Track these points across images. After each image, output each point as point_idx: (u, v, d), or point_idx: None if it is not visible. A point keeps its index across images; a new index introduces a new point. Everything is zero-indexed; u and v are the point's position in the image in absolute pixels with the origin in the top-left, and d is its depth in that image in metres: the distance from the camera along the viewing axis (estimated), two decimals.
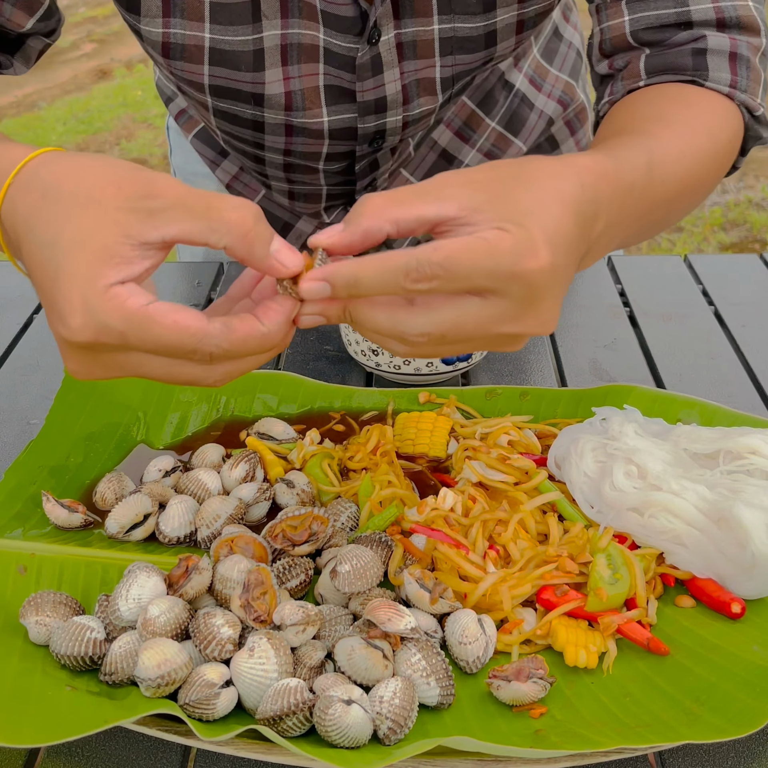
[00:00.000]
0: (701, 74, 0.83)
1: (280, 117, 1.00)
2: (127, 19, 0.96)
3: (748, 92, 0.83)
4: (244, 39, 0.94)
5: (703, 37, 0.84)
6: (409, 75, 0.99)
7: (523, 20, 0.98)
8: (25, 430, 0.90)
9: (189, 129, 1.25)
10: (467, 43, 0.98)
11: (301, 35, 0.94)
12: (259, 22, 0.93)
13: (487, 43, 0.99)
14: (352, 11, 0.93)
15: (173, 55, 0.95)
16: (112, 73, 5.50)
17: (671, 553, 0.70)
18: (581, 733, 0.59)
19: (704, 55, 0.83)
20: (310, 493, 0.77)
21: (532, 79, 1.20)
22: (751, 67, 0.84)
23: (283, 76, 0.96)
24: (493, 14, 0.96)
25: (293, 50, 0.95)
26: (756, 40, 0.85)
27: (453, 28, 0.96)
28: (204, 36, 0.93)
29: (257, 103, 0.99)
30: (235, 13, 0.92)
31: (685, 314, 1.10)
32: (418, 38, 0.96)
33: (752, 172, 3.97)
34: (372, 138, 1.04)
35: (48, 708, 0.59)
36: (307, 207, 1.19)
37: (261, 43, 0.94)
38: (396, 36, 0.95)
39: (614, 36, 0.87)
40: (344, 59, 0.96)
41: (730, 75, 0.83)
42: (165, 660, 0.59)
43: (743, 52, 0.84)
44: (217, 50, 0.95)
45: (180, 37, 0.94)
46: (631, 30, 0.86)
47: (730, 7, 0.84)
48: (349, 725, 0.57)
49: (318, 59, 0.96)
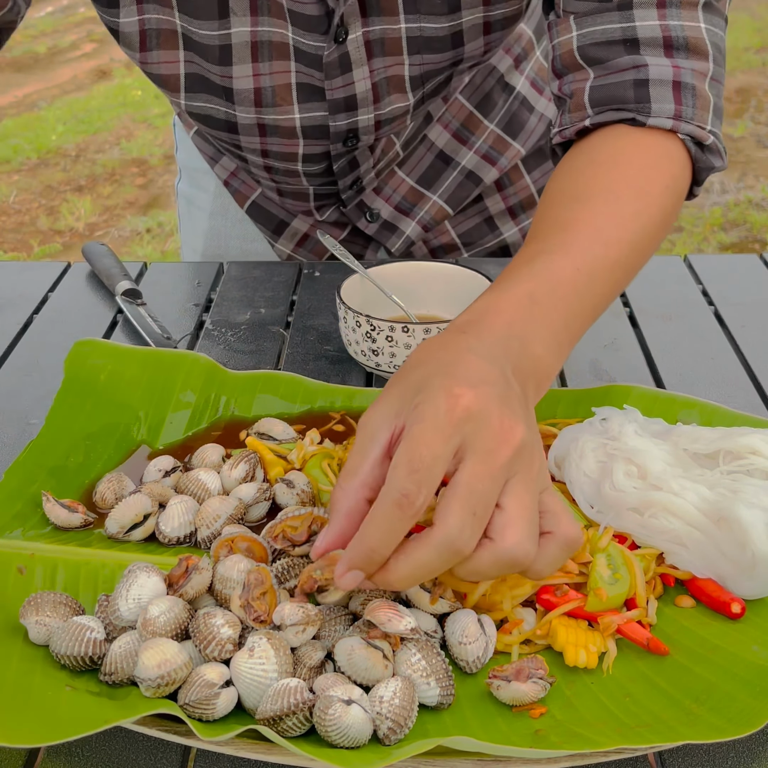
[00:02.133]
0: (643, 107, 0.81)
1: (252, 116, 1.01)
2: (106, 19, 0.97)
3: (695, 121, 0.81)
4: (210, 33, 0.94)
5: (644, 66, 0.82)
6: (378, 73, 0.99)
7: (490, 22, 0.98)
8: (25, 430, 0.90)
9: (190, 125, 1.25)
10: (434, 42, 0.98)
11: (271, 33, 0.95)
12: (226, 18, 0.93)
13: (453, 43, 0.99)
14: (317, 10, 0.93)
15: (150, 45, 0.96)
16: (112, 73, 5.50)
17: (671, 553, 0.70)
18: (581, 733, 0.58)
19: (646, 86, 0.81)
20: (310, 493, 0.77)
21: (534, 82, 1.20)
22: (697, 94, 0.81)
23: (252, 72, 0.97)
24: (458, 15, 0.96)
25: (264, 47, 0.95)
26: (702, 65, 0.82)
27: (419, 27, 0.96)
28: (176, 21, 0.94)
29: (228, 98, 0.99)
30: (200, 8, 0.93)
31: (685, 314, 1.10)
32: (385, 36, 0.97)
33: (752, 172, 3.97)
34: (345, 137, 1.04)
35: (48, 708, 0.59)
36: (297, 205, 1.20)
37: (228, 39, 0.94)
38: (364, 34, 0.96)
39: (563, 52, 0.86)
40: (313, 57, 0.96)
41: (674, 105, 0.81)
42: (165, 660, 0.59)
43: (687, 80, 0.81)
44: (188, 37, 0.95)
45: (155, 22, 0.94)
46: (578, 45, 0.84)
47: (678, 27, 0.82)
48: (349, 725, 0.57)
49: (289, 57, 0.96)
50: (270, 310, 1.11)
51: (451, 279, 1.00)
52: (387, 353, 0.91)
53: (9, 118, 5.02)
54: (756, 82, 5.06)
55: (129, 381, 0.89)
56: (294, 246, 1.26)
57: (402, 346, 0.90)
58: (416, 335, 0.89)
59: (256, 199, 1.24)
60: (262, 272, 1.19)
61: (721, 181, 3.90)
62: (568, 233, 0.74)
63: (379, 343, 0.91)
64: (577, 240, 0.74)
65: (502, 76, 1.17)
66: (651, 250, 0.81)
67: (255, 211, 1.25)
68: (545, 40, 1.18)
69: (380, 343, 0.91)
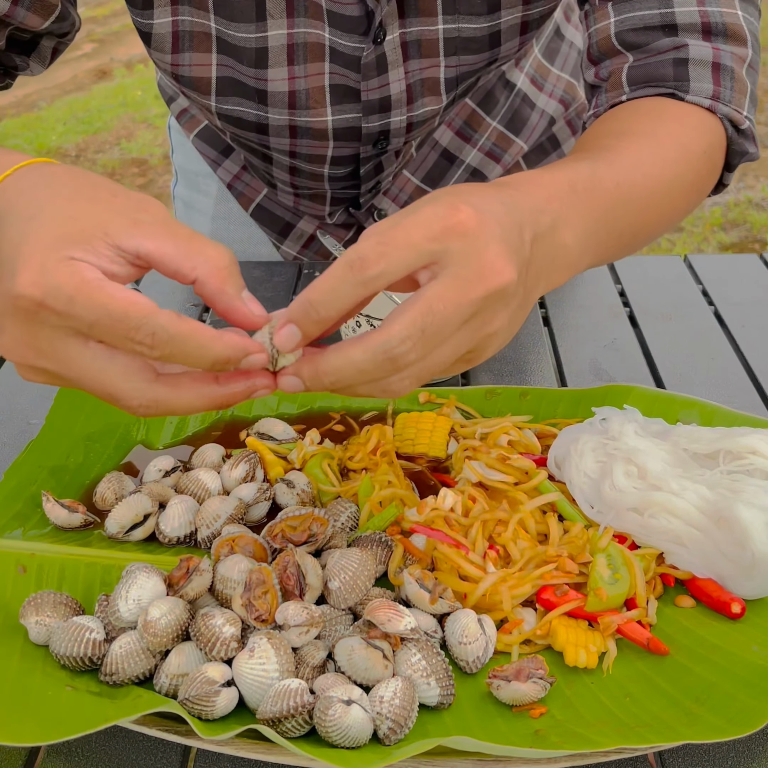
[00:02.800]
0: (682, 85, 0.82)
1: (284, 117, 1.00)
2: (138, 22, 0.96)
3: (732, 104, 0.81)
4: (247, 36, 0.94)
5: (684, 46, 0.82)
6: (413, 74, 0.99)
7: (527, 21, 0.98)
8: (25, 430, 0.90)
9: (191, 128, 1.25)
10: (471, 43, 0.98)
11: (307, 34, 0.94)
12: (263, 20, 0.93)
13: (491, 44, 0.99)
14: (357, 11, 0.93)
15: (182, 47, 0.95)
16: (112, 73, 5.50)
17: (671, 553, 0.70)
18: (581, 733, 0.59)
19: (686, 65, 0.82)
20: (310, 494, 0.77)
21: (534, 78, 1.20)
22: (735, 78, 0.82)
23: (288, 76, 0.96)
24: (497, 15, 0.96)
25: (299, 50, 0.95)
26: (741, 50, 0.83)
27: (457, 28, 0.96)
28: (210, 25, 0.94)
29: (261, 101, 0.99)
30: (237, 10, 0.92)
31: (685, 314, 1.10)
32: (422, 37, 0.96)
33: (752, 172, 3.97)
34: (376, 139, 1.04)
35: (48, 707, 0.59)
36: (311, 207, 1.20)
37: (265, 42, 0.94)
38: (401, 35, 0.95)
39: (601, 39, 0.86)
40: (349, 58, 0.96)
41: (712, 86, 0.81)
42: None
43: (727, 62, 0.82)
44: (223, 40, 0.95)
45: (189, 24, 0.94)
46: (616, 31, 0.85)
47: (717, 13, 0.83)
48: (350, 725, 0.57)
49: (324, 58, 0.96)
50: (270, 310, 1.10)
51: None
52: None
53: (9, 118, 5.02)
54: None
55: None
56: (300, 248, 1.26)
57: None
58: None
59: (261, 201, 1.23)
60: (262, 272, 1.19)
61: None
62: (612, 153, 0.72)
63: None
64: (620, 161, 0.72)
65: (503, 74, 1.17)
66: (681, 207, 0.80)
67: (260, 213, 1.25)
68: (543, 38, 1.18)
69: None
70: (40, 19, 0.88)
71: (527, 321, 1.07)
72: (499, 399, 0.89)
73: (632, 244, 0.75)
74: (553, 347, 1.03)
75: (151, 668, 0.63)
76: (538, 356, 1.01)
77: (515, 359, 1.00)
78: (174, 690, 0.61)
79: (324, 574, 0.66)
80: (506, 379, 0.97)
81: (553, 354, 1.02)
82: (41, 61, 0.95)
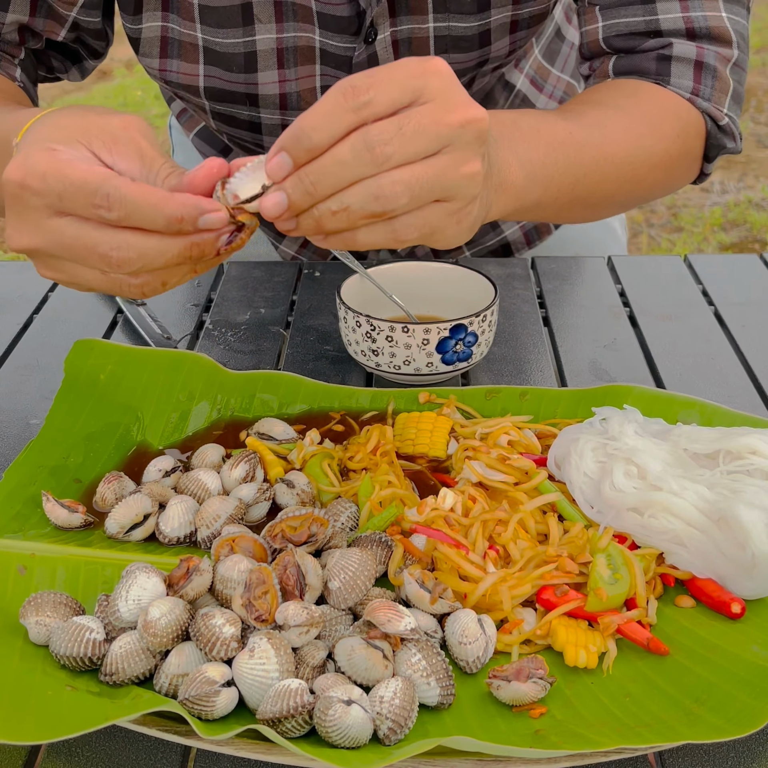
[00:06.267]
0: (663, 79, 0.85)
1: (276, 117, 1.00)
2: (129, 28, 0.97)
3: (711, 101, 0.84)
4: (234, 41, 0.94)
5: (669, 45, 0.85)
6: None
7: (517, 21, 0.99)
8: (25, 430, 0.90)
9: (190, 127, 1.25)
10: (461, 42, 0.98)
11: (297, 38, 0.94)
12: (251, 25, 0.93)
13: (481, 43, 0.99)
14: (348, 11, 0.93)
15: (170, 53, 0.96)
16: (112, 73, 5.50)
17: (671, 553, 0.70)
18: (581, 733, 0.59)
19: (669, 61, 0.84)
20: (310, 494, 0.77)
21: (533, 79, 1.20)
22: (717, 76, 0.84)
23: (278, 79, 0.97)
24: (487, 14, 0.96)
25: (289, 53, 0.95)
26: (726, 50, 0.85)
27: (448, 26, 0.96)
28: (197, 35, 0.94)
29: (252, 104, 0.99)
30: (224, 17, 0.93)
31: (685, 314, 1.10)
32: (413, 36, 0.97)
33: (752, 172, 3.97)
34: None
35: (48, 707, 0.59)
36: None
37: (253, 46, 0.94)
38: (392, 34, 0.96)
39: (590, 41, 0.90)
40: (341, 59, 0.96)
41: (692, 83, 0.84)
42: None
43: (710, 61, 0.84)
44: (210, 50, 0.95)
45: (177, 33, 0.95)
46: (603, 36, 0.88)
47: (701, 18, 0.85)
48: (350, 725, 0.57)
49: (314, 61, 0.96)
50: (270, 310, 1.11)
51: (452, 279, 1.00)
52: (387, 353, 0.91)
53: None
54: (756, 82, 5.06)
55: (129, 381, 0.89)
56: (298, 247, 1.26)
57: (402, 346, 0.90)
58: (416, 335, 0.89)
59: None
60: (262, 272, 1.19)
61: (721, 181, 3.90)
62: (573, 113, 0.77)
63: (379, 343, 0.91)
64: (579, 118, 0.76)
65: (503, 75, 1.17)
66: (647, 180, 0.83)
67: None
68: (543, 39, 1.18)
69: (380, 343, 0.91)
70: (58, 26, 0.96)
71: (527, 321, 1.07)
72: (499, 399, 0.89)
73: (590, 201, 0.78)
74: (553, 347, 1.03)
75: (151, 668, 0.63)
76: (538, 356, 1.01)
77: (515, 359, 1.00)
78: (174, 690, 0.61)
79: (324, 574, 0.66)
80: (506, 379, 0.97)
81: (553, 354, 1.02)
82: (80, 72, 1.05)
